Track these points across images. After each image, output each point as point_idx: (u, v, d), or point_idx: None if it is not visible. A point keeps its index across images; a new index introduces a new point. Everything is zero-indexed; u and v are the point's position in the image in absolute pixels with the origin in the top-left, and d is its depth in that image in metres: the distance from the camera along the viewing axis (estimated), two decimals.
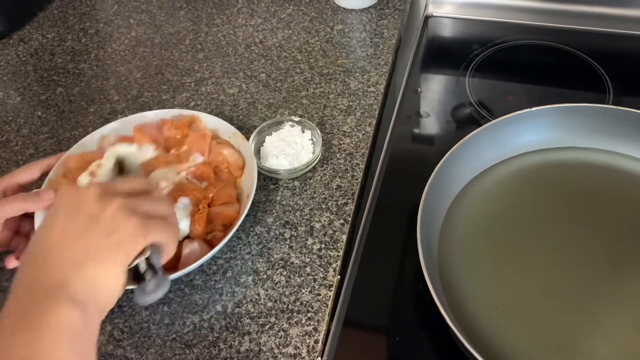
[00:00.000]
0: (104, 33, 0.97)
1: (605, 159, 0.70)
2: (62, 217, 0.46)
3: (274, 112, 0.79)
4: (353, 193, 0.69)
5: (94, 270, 0.43)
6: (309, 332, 0.57)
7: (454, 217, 0.66)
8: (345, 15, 0.94)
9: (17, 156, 0.77)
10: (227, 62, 0.88)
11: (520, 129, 0.70)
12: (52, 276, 0.42)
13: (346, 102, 0.79)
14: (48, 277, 0.42)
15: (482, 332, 0.56)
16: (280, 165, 0.69)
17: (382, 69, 0.84)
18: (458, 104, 0.81)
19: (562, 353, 0.55)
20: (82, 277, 0.43)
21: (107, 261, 0.44)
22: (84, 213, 0.45)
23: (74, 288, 0.42)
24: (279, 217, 0.67)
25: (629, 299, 0.58)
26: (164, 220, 0.48)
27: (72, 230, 0.45)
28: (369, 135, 0.75)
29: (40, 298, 0.41)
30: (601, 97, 0.79)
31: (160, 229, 0.47)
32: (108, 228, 0.44)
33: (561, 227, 0.64)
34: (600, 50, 0.86)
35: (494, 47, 0.88)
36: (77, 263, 0.43)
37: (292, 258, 0.63)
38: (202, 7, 0.99)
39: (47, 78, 0.89)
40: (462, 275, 0.61)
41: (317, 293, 0.60)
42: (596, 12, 0.90)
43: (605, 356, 0.54)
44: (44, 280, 0.42)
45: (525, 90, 0.83)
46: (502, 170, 0.70)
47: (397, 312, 0.60)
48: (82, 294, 0.42)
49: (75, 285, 0.42)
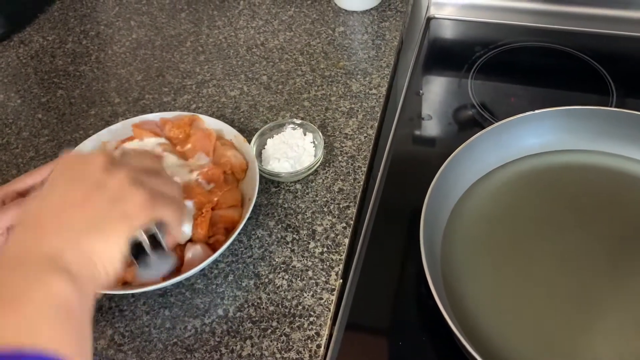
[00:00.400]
0: (105, 35, 0.97)
1: (609, 161, 0.70)
2: (62, 182, 0.42)
3: (275, 114, 0.79)
4: (355, 196, 0.68)
5: (93, 240, 0.39)
6: (311, 337, 0.57)
7: (457, 220, 0.65)
8: (346, 17, 0.94)
9: (17, 159, 0.77)
10: (229, 65, 0.87)
11: (523, 132, 0.69)
12: (45, 245, 0.38)
13: (348, 104, 0.79)
14: (40, 245, 0.38)
15: (485, 335, 0.56)
16: (282, 168, 0.69)
17: (384, 71, 0.84)
18: (460, 106, 0.81)
19: (566, 357, 0.54)
20: (79, 247, 0.39)
21: (108, 232, 0.40)
22: (87, 180, 0.42)
23: (68, 259, 0.38)
24: (280, 220, 0.66)
25: (633, 302, 0.57)
26: (172, 199, 0.45)
27: (72, 197, 0.41)
28: (371, 138, 0.74)
29: (29, 269, 0.37)
30: (604, 100, 0.78)
31: (168, 207, 0.44)
32: (113, 197, 0.41)
33: (564, 230, 0.64)
34: (603, 52, 0.85)
35: (496, 49, 0.88)
36: (74, 231, 0.39)
37: (294, 262, 0.63)
38: (203, 9, 0.99)
39: (48, 80, 0.89)
40: (465, 279, 0.60)
41: (319, 297, 0.59)
42: (599, 14, 0.90)
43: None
44: (36, 249, 0.38)
45: (528, 93, 0.82)
46: (505, 173, 0.69)
47: (399, 316, 0.60)
48: (77, 266, 0.38)
49: (71, 255, 0.38)
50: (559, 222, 0.64)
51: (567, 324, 0.56)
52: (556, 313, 0.57)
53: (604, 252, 0.61)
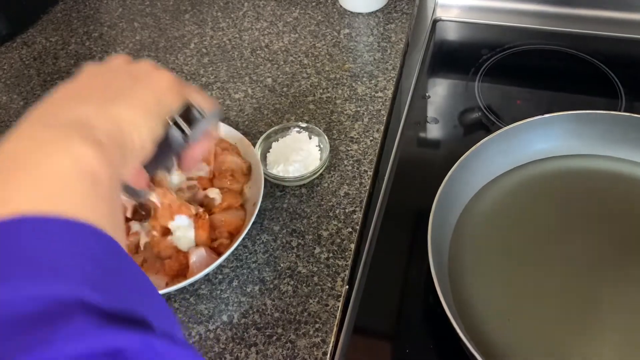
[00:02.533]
0: (108, 36, 0.96)
1: (617, 166, 0.69)
2: (84, 74, 0.39)
3: (280, 117, 0.78)
4: (361, 200, 0.67)
5: (121, 108, 0.36)
6: (317, 344, 0.56)
7: (464, 225, 0.64)
8: (352, 19, 0.93)
9: None
10: (233, 67, 0.87)
11: (532, 136, 0.68)
12: (68, 111, 0.34)
13: (354, 107, 0.78)
14: (65, 113, 0.34)
15: (492, 342, 0.55)
16: (287, 172, 0.68)
17: (390, 73, 0.83)
18: (467, 109, 0.80)
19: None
20: (107, 112, 0.35)
21: (136, 102, 0.37)
22: (111, 68, 0.39)
23: (95, 123, 0.33)
24: (285, 225, 0.66)
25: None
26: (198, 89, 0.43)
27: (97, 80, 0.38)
28: (377, 142, 0.74)
29: (50, 134, 0.31)
30: (613, 104, 0.78)
31: (198, 92, 0.42)
32: (139, 77, 0.39)
33: (573, 235, 0.63)
34: (612, 55, 0.85)
35: (503, 52, 0.87)
36: (101, 100, 0.36)
37: (299, 267, 0.62)
38: (207, 11, 0.98)
39: (51, 82, 0.88)
40: (473, 284, 0.60)
41: (325, 303, 0.59)
42: (607, 17, 0.89)
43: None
44: (58, 115, 0.34)
45: (535, 96, 0.81)
46: (513, 178, 0.69)
47: (406, 322, 0.59)
48: (104, 132, 0.33)
49: (97, 120, 0.34)
50: (568, 228, 0.64)
51: (577, 331, 0.56)
52: (565, 319, 0.56)
53: (612, 257, 0.61)
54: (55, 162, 0.30)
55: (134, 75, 0.39)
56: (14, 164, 0.30)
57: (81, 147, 0.31)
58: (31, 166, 0.29)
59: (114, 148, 0.34)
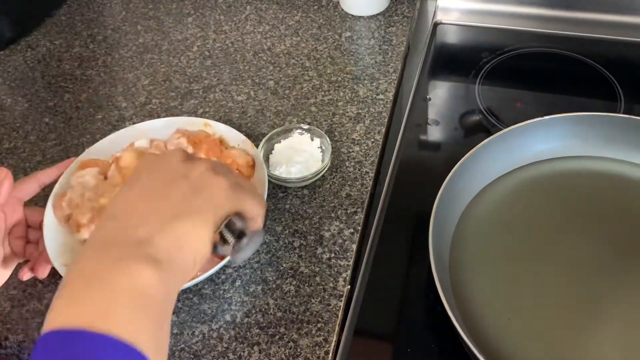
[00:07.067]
0: (112, 39, 0.97)
1: (617, 168, 0.70)
2: (145, 176, 0.41)
3: (282, 119, 0.79)
4: (363, 201, 0.68)
5: (180, 225, 0.38)
6: (319, 343, 0.56)
7: (465, 226, 0.65)
8: (353, 22, 0.94)
9: (24, 163, 0.77)
10: (235, 69, 0.88)
11: (532, 138, 0.69)
12: (133, 231, 0.37)
13: (355, 109, 0.79)
14: (128, 232, 0.37)
15: (494, 342, 0.56)
16: (289, 173, 0.68)
17: (391, 76, 0.84)
18: (467, 111, 0.81)
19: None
20: (167, 231, 0.37)
21: (194, 217, 0.39)
22: (169, 170, 0.41)
23: (157, 243, 0.37)
24: (288, 225, 0.66)
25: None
26: (254, 191, 0.44)
27: (155, 187, 0.40)
28: (378, 143, 0.74)
29: (115, 253, 0.36)
30: (612, 106, 0.78)
31: (252, 197, 0.43)
32: (196, 185, 0.41)
33: (573, 237, 0.63)
34: (611, 58, 0.85)
35: (503, 55, 0.88)
36: (161, 217, 0.38)
37: (301, 267, 0.62)
38: (210, 14, 0.99)
39: (55, 84, 0.89)
40: (474, 285, 0.60)
41: (327, 303, 0.59)
42: (607, 20, 0.90)
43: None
44: (124, 235, 0.37)
45: (535, 99, 0.82)
46: (513, 179, 0.69)
47: (407, 322, 0.60)
48: (165, 252, 0.37)
49: (159, 242, 0.37)
50: (568, 229, 0.64)
51: (578, 330, 0.56)
52: (566, 319, 0.57)
53: (613, 257, 0.61)
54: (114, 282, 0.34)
55: (193, 184, 0.41)
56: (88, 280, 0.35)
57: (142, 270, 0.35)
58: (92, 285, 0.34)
59: (174, 265, 0.37)
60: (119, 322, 0.33)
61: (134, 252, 0.36)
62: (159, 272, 0.35)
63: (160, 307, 0.36)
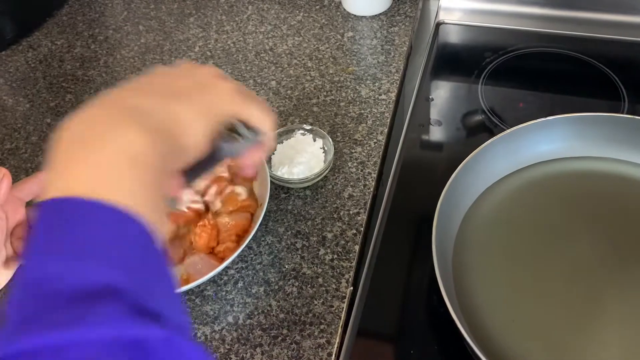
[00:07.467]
0: (113, 40, 0.97)
1: (620, 168, 0.69)
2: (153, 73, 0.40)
3: (284, 120, 0.78)
4: (365, 202, 0.68)
5: (179, 104, 0.37)
6: (322, 345, 0.56)
7: (468, 227, 0.65)
8: (355, 22, 0.93)
9: (26, 164, 0.77)
10: (237, 70, 0.87)
11: (535, 139, 0.69)
12: (132, 99, 0.36)
13: (357, 110, 0.79)
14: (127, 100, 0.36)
15: (497, 344, 0.55)
16: (291, 174, 0.68)
17: (394, 76, 0.83)
18: (470, 111, 0.80)
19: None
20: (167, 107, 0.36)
21: (197, 107, 0.38)
22: (178, 71, 0.40)
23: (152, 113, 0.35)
24: (290, 226, 0.66)
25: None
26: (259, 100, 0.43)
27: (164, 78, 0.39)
28: (380, 144, 0.74)
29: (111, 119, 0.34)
30: (616, 106, 0.78)
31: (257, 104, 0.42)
32: (201, 83, 0.39)
33: (577, 237, 0.63)
34: (615, 58, 0.85)
35: (506, 55, 0.87)
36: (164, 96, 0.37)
37: (304, 269, 0.62)
38: (211, 14, 0.99)
39: (57, 85, 0.89)
40: (477, 286, 0.60)
41: (329, 305, 0.59)
42: (610, 20, 0.90)
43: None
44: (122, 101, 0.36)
45: (538, 99, 0.82)
46: (517, 180, 0.69)
47: (410, 323, 0.59)
48: (160, 122, 0.35)
49: (155, 111, 0.35)
50: (571, 229, 0.64)
51: (581, 331, 0.56)
52: (569, 320, 0.57)
53: (616, 258, 0.61)
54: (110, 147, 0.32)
55: (199, 80, 0.40)
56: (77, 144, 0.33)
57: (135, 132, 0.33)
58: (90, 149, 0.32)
59: (167, 139, 0.35)
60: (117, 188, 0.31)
61: (130, 118, 0.34)
62: (152, 139, 0.34)
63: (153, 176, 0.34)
